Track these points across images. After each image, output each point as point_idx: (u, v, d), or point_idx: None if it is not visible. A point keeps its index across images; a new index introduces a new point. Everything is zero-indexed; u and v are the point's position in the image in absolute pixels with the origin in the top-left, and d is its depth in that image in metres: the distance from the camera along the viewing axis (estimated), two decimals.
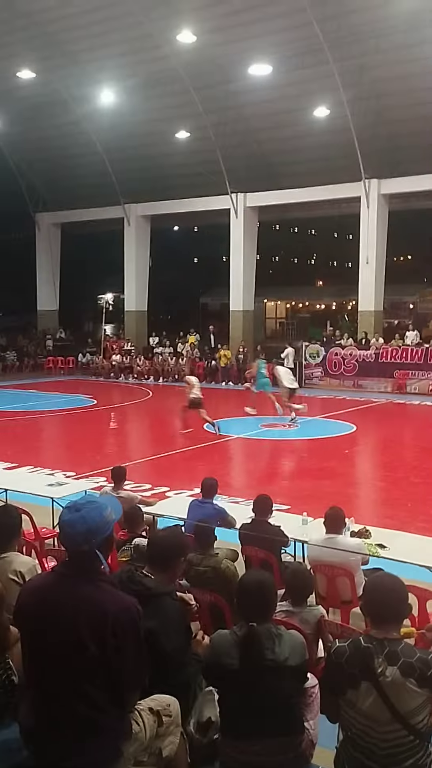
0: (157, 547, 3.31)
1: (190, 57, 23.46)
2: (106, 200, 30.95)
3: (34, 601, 2.60)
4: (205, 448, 15.05)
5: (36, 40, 24.44)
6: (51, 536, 8.00)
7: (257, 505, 6.87)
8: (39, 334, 35.05)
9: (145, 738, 2.64)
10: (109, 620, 2.48)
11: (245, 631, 2.87)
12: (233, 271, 29.24)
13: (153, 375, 28.37)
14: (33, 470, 12.29)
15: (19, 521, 4.33)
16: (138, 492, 9.62)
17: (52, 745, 2.51)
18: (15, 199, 34.02)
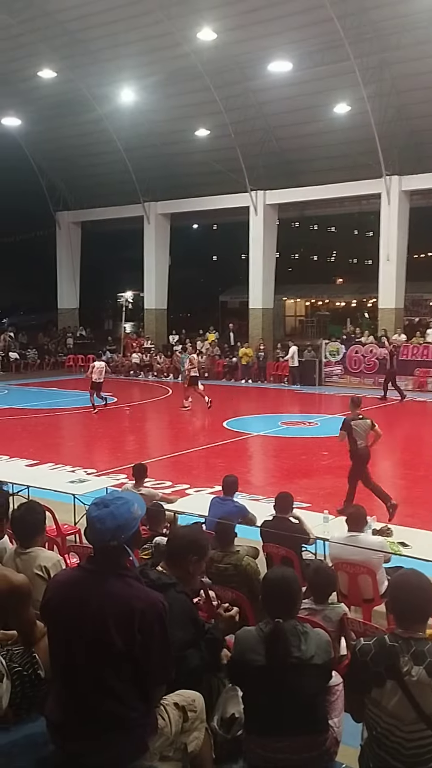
0: (173, 544, 3.31)
1: (210, 55, 23.46)
2: (126, 198, 31.05)
3: (61, 596, 2.61)
4: (225, 446, 15.06)
5: (57, 39, 24.56)
6: (73, 533, 8.06)
7: (278, 502, 6.86)
8: (59, 333, 35.27)
9: (171, 733, 2.65)
10: (136, 616, 2.49)
11: (271, 628, 2.86)
12: (252, 269, 29.19)
13: (172, 373, 28.41)
14: (54, 467, 12.38)
15: (44, 517, 4.36)
16: (158, 489, 9.64)
17: (79, 740, 2.53)
18: (36, 198, 34.26)
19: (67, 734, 2.57)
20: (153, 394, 24.03)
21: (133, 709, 2.53)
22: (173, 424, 19.14)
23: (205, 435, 16.97)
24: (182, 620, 2.96)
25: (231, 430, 16.63)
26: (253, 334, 29.07)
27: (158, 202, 31.25)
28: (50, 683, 2.81)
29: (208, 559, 3.53)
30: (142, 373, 29.01)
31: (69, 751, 2.57)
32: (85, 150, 31.17)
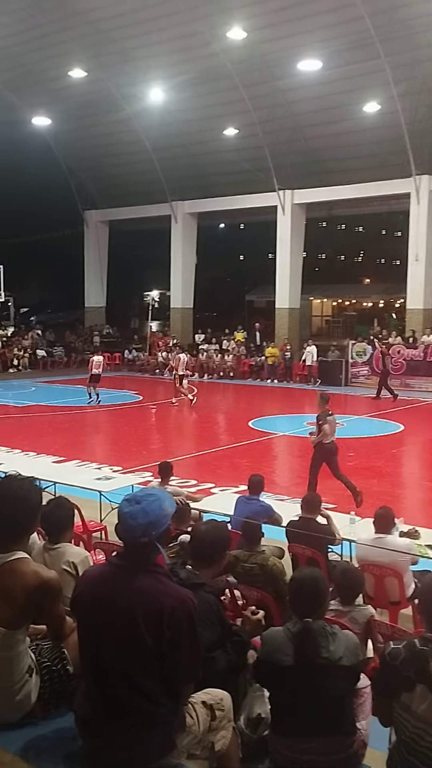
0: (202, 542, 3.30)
1: (240, 54, 23.44)
2: (154, 198, 31.16)
3: (91, 592, 2.62)
4: (250, 445, 15.03)
5: (88, 38, 24.72)
6: (99, 529, 8.10)
7: (305, 502, 6.83)
8: (86, 331, 35.50)
9: (199, 731, 2.64)
10: (165, 612, 2.49)
11: (300, 627, 2.85)
12: (279, 269, 29.11)
13: (198, 372, 28.46)
14: (80, 464, 12.46)
15: (72, 513, 4.40)
16: (184, 488, 9.65)
17: (107, 735, 2.54)
18: (65, 197, 34.55)
19: (95, 729, 2.59)
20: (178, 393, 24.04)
21: (161, 706, 2.54)
22: (198, 422, 19.16)
23: (231, 434, 16.97)
24: (210, 620, 2.96)
25: (256, 430, 16.60)
26: (279, 333, 29.00)
27: (185, 202, 31.32)
28: (79, 679, 2.82)
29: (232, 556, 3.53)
30: (168, 372, 29.05)
31: (97, 747, 2.58)
32: (114, 149, 31.33)
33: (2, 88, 28.75)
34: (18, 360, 29.80)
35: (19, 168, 33.96)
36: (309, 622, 2.84)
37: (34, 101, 28.88)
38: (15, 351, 30.13)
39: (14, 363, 29.64)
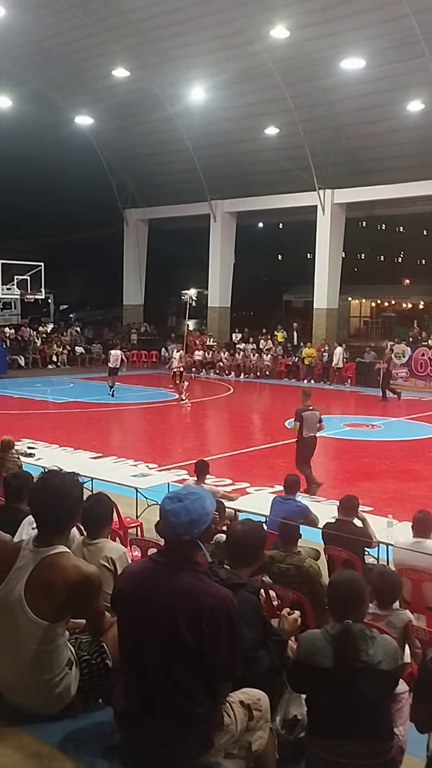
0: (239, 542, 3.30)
1: (283, 52, 23.34)
2: (194, 197, 31.23)
3: (132, 588, 2.64)
4: (286, 446, 14.95)
5: (131, 38, 24.88)
6: (135, 526, 8.16)
7: (343, 505, 6.79)
8: (124, 328, 35.76)
9: (236, 730, 2.64)
10: (205, 611, 2.49)
11: (340, 630, 2.83)
12: (318, 269, 28.94)
13: (234, 371, 28.47)
14: (117, 461, 12.56)
15: (111, 510, 4.44)
16: (219, 487, 9.67)
17: (146, 731, 2.56)
18: (105, 195, 34.87)
19: (133, 725, 2.61)
20: (215, 392, 24.12)
21: (199, 704, 2.54)
22: (234, 422, 19.16)
23: (266, 434, 16.94)
24: (253, 620, 2.96)
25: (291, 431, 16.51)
26: (316, 334, 28.84)
27: (225, 200, 31.33)
28: (117, 673, 2.85)
29: None
30: (204, 371, 29.14)
31: (136, 742, 2.60)
32: (155, 148, 31.49)
33: (46, 88, 29.12)
34: (57, 356, 30.18)
35: (61, 167, 34.44)
36: (349, 624, 2.82)
37: (77, 101, 29.20)
38: (54, 348, 30.52)
39: (53, 359, 30.02)
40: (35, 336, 31.21)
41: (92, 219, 37.85)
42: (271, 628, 3.16)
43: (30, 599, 2.80)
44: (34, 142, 32.14)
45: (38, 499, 2.97)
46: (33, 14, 23.79)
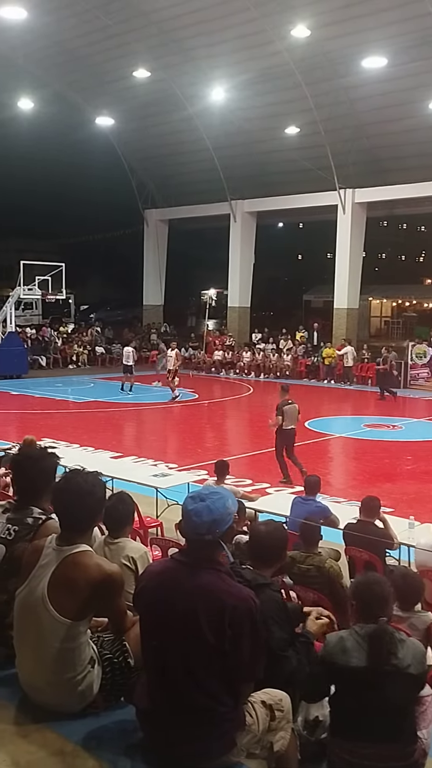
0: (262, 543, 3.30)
1: (303, 52, 23.27)
2: (214, 197, 31.25)
3: (154, 587, 2.65)
4: (306, 446, 14.92)
5: (152, 38, 24.95)
6: (155, 525, 8.19)
7: (364, 506, 6.76)
8: (144, 328, 35.87)
9: (258, 731, 2.64)
10: (227, 611, 2.49)
11: (373, 630, 2.80)
12: (338, 268, 28.82)
13: (254, 371, 28.44)
14: (137, 460, 12.60)
15: (133, 509, 4.45)
16: (239, 487, 9.67)
17: (168, 730, 2.57)
18: (126, 196, 35.01)
19: (156, 723, 2.61)
20: (234, 392, 24.12)
21: (221, 704, 2.54)
22: (254, 422, 19.14)
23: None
24: (281, 619, 2.96)
25: (313, 431, 16.49)
26: (337, 334, 28.72)
27: (245, 200, 31.31)
28: (139, 672, 2.86)
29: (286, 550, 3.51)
30: (224, 371, 29.14)
31: (158, 740, 2.61)
32: (175, 149, 31.55)
33: (68, 89, 29.28)
34: (77, 356, 30.35)
35: (82, 168, 34.64)
36: (384, 624, 2.80)
37: (98, 102, 29.34)
38: (75, 348, 30.69)
39: (74, 359, 30.19)
40: (56, 336, 31.41)
41: (113, 219, 38.02)
42: (296, 627, 3.15)
43: (53, 597, 2.82)
44: (56, 143, 32.37)
45: (61, 498, 2.99)
46: (55, 16, 23.94)
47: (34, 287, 26.26)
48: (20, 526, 3.31)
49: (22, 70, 27.43)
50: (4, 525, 3.35)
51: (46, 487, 3.49)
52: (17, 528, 3.31)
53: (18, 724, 2.83)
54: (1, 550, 3.29)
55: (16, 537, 3.29)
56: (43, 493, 3.49)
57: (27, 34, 24.49)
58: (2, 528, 3.34)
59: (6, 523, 3.35)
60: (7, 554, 3.27)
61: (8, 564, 3.25)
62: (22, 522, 3.33)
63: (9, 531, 3.32)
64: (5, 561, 3.26)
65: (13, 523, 3.34)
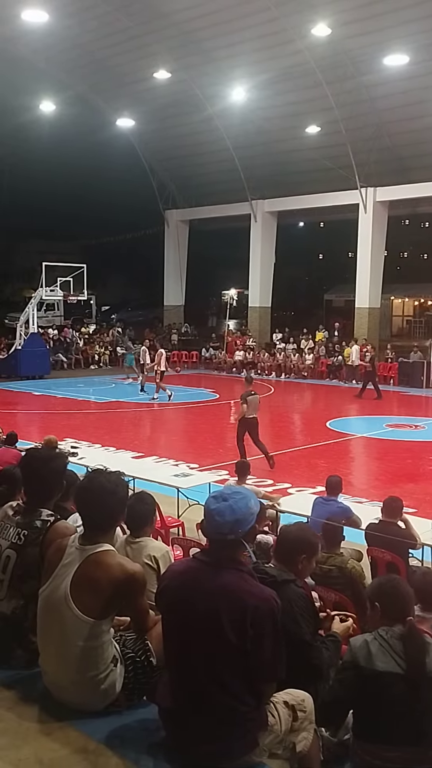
0: (284, 542, 3.30)
1: (324, 50, 23.19)
2: (234, 197, 31.24)
3: (176, 587, 2.66)
4: (327, 446, 14.89)
5: (173, 40, 25.00)
6: (176, 525, 8.20)
7: (386, 506, 6.72)
8: (165, 329, 35.95)
9: (280, 731, 2.63)
10: (249, 611, 2.49)
11: (402, 634, 2.77)
12: (360, 268, 28.68)
13: (275, 371, 28.39)
14: (158, 460, 12.64)
15: (154, 508, 4.46)
16: (260, 487, 9.65)
17: (190, 729, 2.57)
18: (146, 197, 35.11)
19: (178, 722, 2.62)
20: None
21: (244, 703, 2.54)
22: (275, 422, 19.09)
23: (308, 434, 16.85)
24: (308, 614, 2.96)
25: (334, 431, 16.42)
26: (358, 333, 28.56)
27: (266, 200, 31.27)
28: (161, 671, 2.87)
29: (317, 558, 3.49)
30: (245, 371, 29.09)
31: (180, 739, 2.61)
32: (195, 149, 31.60)
33: (89, 91, 29.44)
34: (99, 357, 30.51)
35: (103, 169, 34.79)
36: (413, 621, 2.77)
37: (118, 103, 29.47)
38: (96, 348, 30.86)
39: (95, 360, 30.36)
40: (78, 337, 31.60)
41: (133, 220, 38.14)
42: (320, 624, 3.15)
43: (76, 596, 2.84)
44: (77, 145, 32.54)
45: (84, 498, 3.00)
46: (76, 19, 24.08)
47: (56, 288, 26.44)
48: (29, 530, 3.32)
49: (43, 73, 27.66)
50: (15, 529, 3.37)
51: (56, 488, 3.52)
52: (27, 532, 3.32)
53: (41, 722, 2.85)
54: (13, 556, 3.32)
55: (26, 541, 3.30)
56: (53, 494, 3.52)
57: (48, 38, 24.69)
58: (13, 532, 3.37)
59: (16, 527, 3.37)
60: (19, 559, 3.29)
61: (21, 569, 3.28)
62: (31, 525, 3.34)
63: (19, 536, 3.33)
64: (17, 566, 3.29)
65: (22, 527, 3.35)
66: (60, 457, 3.62)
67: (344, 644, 3.20)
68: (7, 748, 2.69)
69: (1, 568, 3.32)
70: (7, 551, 3.33)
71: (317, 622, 3.18)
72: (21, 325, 26.47)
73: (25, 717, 2.89)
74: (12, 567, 3.29)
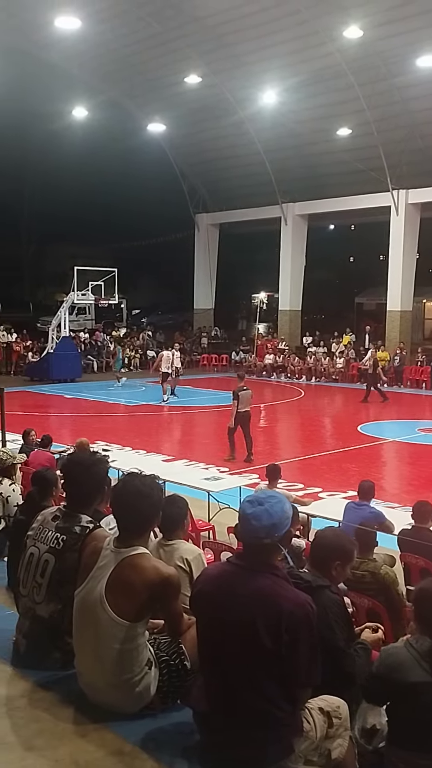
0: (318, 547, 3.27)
1: (356, 52, 23.07)
2: (264, 200, 31.21)
3: (211, 590, 2.66)
4: (359, 450, 14.78)
5: (204, 44, 25.09)
6: (207, 529, 8.20)
7: (416, 511, 6.64)
8: (195, 332, 36.03)
9: (316, 737, 2.61)
10: (284, 616, 2.48)
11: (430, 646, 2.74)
12: (392, 270, 28.44)
13: (305, 374, 28.27)
14: (189, 464, 12.66)
15: (186, 511, 4.47)
16: (291, 491, 9.61)
17: (225, 733, 2.56)
18: (177, 201, 35.27)
19: (213, 726, 2.61)
20: (285, 396, 23.99)
21: (279, 709, 2.53)
22: (306, 425, 19.02)
23: (339, 438, 16.73)
24: (343, 620, 2.94)
25: (365, 435, 16.29)
26: (390, 336, 28.32)
27: (296, 203, 31.18)
28: (195, 674, 2.87)
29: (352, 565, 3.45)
30: (275, 374, 29.05)
31: (215, 744, 2.61)
32: (225, 153, 31.65)
33: (120, 96, 29.68)
34: (129, 360, 30.68)
35: (134, 174, 35.06)
36: None
37: (150, 108, 29.65)
38: (127, 351, 31.03)
39: (126, 363, 30.53)
40: (108, 340, 31.83)
41: (164, 224, 38.32)
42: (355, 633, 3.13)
43: (111, 599, 2.86)
44: (108, 149, 32.85)
45: (119, 501, 3.03)
46: (108, 25, 24.28)
47: (88, 292, 26.67)
48: (68, 536, 3.36)
49: (76, 79, 27.97)
50: (54, 533, 3.40)
51: (96, 494, 3.55)
52: (65, 537, 3.36)
53: (77, 723, 2.88)
54: (51, 560, 3.35)
55: (65, 547, 3.34)
56: (93, 499, 3.55)
57: (81, 44, 24.95)
58: (51, 537, 3.40)
59: (55, 532, 3.41)
60: (57, 564, 3.33)
61: (59, 574, 3.31)
62: (70, 531, 3.38)
63: (58, 540, 3.37)
64: (56, 571, 3.33)
65: (62, 532, 3.39)
66: (100, 463, 3.65)
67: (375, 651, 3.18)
68: (44, 748, 2.72)
69: (40, 572, 3.36)
70: (45, 555, 3.37)
71: (351, 629, 3.16)
72: (53, 328, 26.76)
73: (61, 718, 2.92)
74: (51, 571, 3.34)
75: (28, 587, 3.42)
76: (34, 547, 3.45)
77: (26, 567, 3.46)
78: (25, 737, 2.81)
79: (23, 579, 3.47)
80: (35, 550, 3.44)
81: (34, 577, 3.39)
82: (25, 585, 3.46)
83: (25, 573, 3.46)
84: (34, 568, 3.40)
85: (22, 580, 3.48)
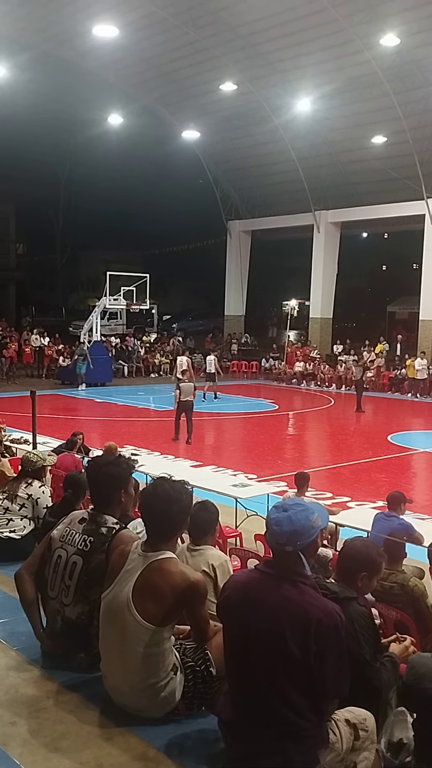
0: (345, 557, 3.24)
1: (392, 60, 22.96)
2: (297, 207, 31.17)
3: (239, 597, 2.64)
4: (388, 460, 14.63)
5: (240, 52, 25.18)
6: (234, 536, 8.18)
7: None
8: (225, 339, 36.05)
9: (342, 749, 2.58)
10: (312, 625, 2.46)
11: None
12: (425, 279, 28.13)
13: (335, 383, 28.08)
14: (217, 470, 12.64)
15: (216, 517, 4.45)
16: (319, 500, 9.54)
17: (250, 742, 2.54)
18: (210, 208, 35.40)
19: (238, 734, 2.59)
20: (315, 404, 23.87)
21: (305, 719, 2.50)
22: (335, 434, 18.89)
23: (368, 448, 16.57)
24: (370, 633, 2.90)
25: (396, 445, 16.12)
26: (422, 346, 27.99)
27: (329, 211, 31.07)
28: (221, 681, 2.85)
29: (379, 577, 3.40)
30: (305, 382, 28.91)
31: (241, 752, 2.58)
32: (259, 160, 31.69)
33: (156, 104, 29.93)
34: (160, 365, 30.81)
35: (168, 180, 35.30)
36: None
37: (184, 116, 29.84)
38: (157, 357, 31.17)
39: (156, 368, 30.67)
40: (139, 345, 32.01)
41: (196, 230, 38.49)
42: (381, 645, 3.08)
43: (137, 602, 2.87)
44: (143, 156, 33.14)
45: (149, 504, 3.03)
46: (145, 33, 24.53)
47: (119, 297, 26.86)
48: (95, 537, 3.39)
49: (113, 87, 28.27)
50: (81, 536, 3.43)
51: (114, 493, 3.55)
52: (92, 539, 3.39)
53: (102, 727, 2.88)
54: (79, 562, 3.37)
55: (92, 548, 3.37)
56: (112, 499, 3.56)
57: (118, 52, 25.22)
58: (79, 539, 3.43)
59: (82, 534, 3.44)
60: (85, 566, 3.35)
61: (87, 575, 3.34)
62: (96, 533, 3.41)
63: (85, 542, 3.40)
64: (83, 572, 3.35)
65: (88, 533, 3.42)
66: (116, 463, 3.66)
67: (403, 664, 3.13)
68: (68, 750, 2.72)
69: (68, 573, 3.38)
70: (73, 557, 3.40)
71: (378, 642, 3.12)
72: (85, 333, 26.97)
73: (86, 721, 2.93)
74: (78, 573, 3.35)
75: (57, 589, 3.45)
76: (62, 549, 3.48)
77: (54, 569, 3.49)
78: (50, 738, 2.82)
79: (51, 581, 3.50)
80: (63, 553, 3.47)
81: (63, 579, 3.42)
82: (53, 587, 3.48)
83: (53, 575, 3.49)
84: (62, 570, 3.43)
85: (50, 583, 3.51)
